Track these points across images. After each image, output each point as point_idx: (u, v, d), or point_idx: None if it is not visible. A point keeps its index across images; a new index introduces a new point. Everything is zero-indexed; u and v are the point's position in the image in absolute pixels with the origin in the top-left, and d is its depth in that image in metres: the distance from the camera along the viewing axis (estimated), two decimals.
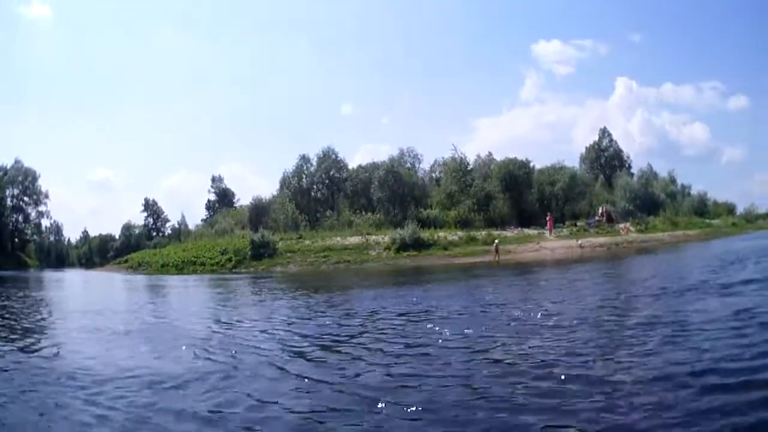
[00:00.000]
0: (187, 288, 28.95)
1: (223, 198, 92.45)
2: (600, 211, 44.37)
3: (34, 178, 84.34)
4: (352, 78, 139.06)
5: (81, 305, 20.71)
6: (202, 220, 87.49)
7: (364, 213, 48.85)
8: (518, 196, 48.44)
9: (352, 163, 60.88)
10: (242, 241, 47.11)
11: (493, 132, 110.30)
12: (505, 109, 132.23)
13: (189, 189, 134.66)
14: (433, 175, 56.38)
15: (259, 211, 60.66)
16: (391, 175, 49.48)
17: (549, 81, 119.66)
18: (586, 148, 67.59)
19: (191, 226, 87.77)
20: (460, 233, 38.07)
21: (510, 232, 39.10)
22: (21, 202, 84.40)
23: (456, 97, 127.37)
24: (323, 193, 57.63)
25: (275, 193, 62.70)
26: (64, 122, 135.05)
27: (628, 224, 40.68)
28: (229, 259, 44.33)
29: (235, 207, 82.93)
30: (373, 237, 40.32)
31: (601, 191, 52.65)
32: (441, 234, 37.94)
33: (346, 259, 36.94)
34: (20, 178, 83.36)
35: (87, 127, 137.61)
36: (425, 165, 58.08)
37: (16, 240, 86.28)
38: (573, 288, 14.83)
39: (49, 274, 60.41)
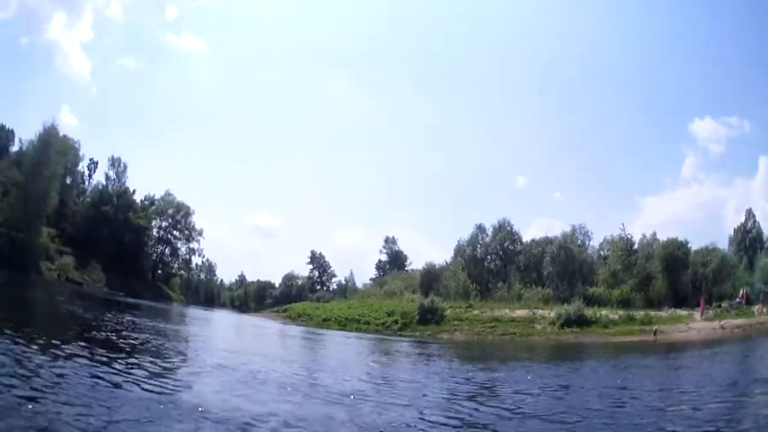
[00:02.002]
0: (348, 344, 33.18)
1: (395, 260, 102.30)
2: (741, 293, 46.73)
3: (188, 214, 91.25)
4: (528, 151, 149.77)
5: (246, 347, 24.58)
6: (370, 279, 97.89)
7: (533, 287, 55.39)
8: (675, 276, 52.44)
9: (526, 237, 67.98)
10: (411, 305, 53.51)
11: (658, 211, 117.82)
12: (668, 188, 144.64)
13: (359, 247, 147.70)
14: (601, 252, 61.73)
15: (431, 277, 69.27)
16: (563, 251, 56.05)
17: (704, 160, 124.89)
18: (735, 229, 69.77)
19: (358, 284, 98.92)
20: (620, 312, 42.89)
21: (665, 312, 43.43)
22: (169, 235, 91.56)
23: (625, 174, 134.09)
24: (496, 264, 65.38)
25: (448, 260, 70.90)
26: (225, 161, 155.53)
27: (762, 306, 42.98)
28: (395, 321, 50.82)
29: (406, 270, 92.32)
30: (540, 311, 45.94)
31: (743, 273, 54.57)
32: (603, 312, 42.95)
33: (512, 331, 42.52)
34: (171, 211, 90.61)
35: (250, 168, 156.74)
36: (595, 242, 63.70)
37: (159, 271, 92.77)
38: (675, 375, 18.95)
39: (197, 311, 66.01)
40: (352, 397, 11.65)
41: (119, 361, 12.67)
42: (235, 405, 9.42)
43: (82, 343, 14.36)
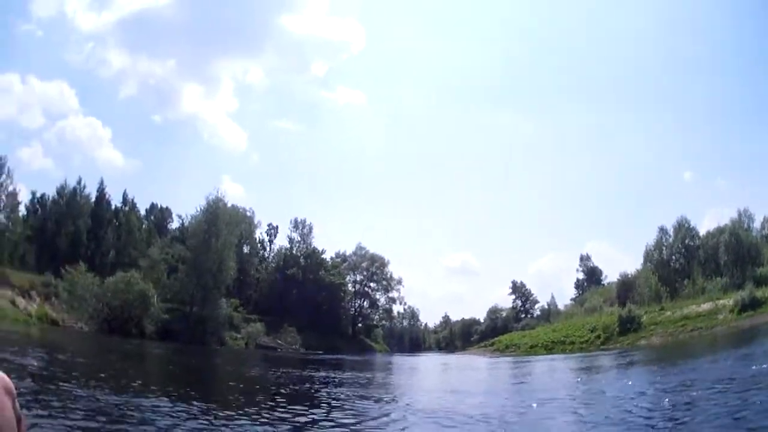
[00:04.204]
0: (553, 368, 35.95)
1: (591, 276, 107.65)
2: None
3: (383, 264, 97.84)
4: (687, 145, 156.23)
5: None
6: (571, 300, 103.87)
7: (713, 278, 59.24)
8: None
9: (702, 229, 71.64)
10: (610, 318, 58.88)
11: None
12: None
13: (557, 269, 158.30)
14: (763, 232, 64.15)
15: (626, 287, 75.15)
16: (733, 238, 59.61)
17: None
18: None
19: (560, 306, 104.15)
20: None
21: None
22: (366, 288, 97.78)
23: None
24: (680, 263, 69.22)
25: (639, 267, 76.21)
26: (408, 208, 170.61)
27: None
28: (598, 336, 56.43)
29: (603, 284, 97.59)
30: (721, 301, 49.90)
31: None
32: None
33: (699, 326, 47.28)
34: (365, 264, 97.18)
35: (435, 211, 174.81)
36: (756, 223, 65.45)
37: (360, 325, 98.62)
38: None
39: (401, 358, 69.63)
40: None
41: (313, 415, 14.21)
42: None
43: (271, 403, 15.83)
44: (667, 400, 14.36)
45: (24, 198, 66.02)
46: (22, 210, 65.07)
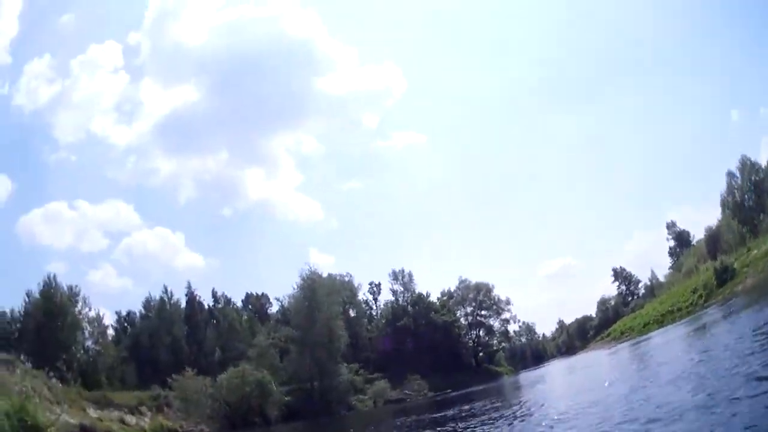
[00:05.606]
0: (666, 341, 36.65)
1: (681, 240, 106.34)
2: None
3: (488, 290, 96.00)
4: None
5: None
6: (669, 269, 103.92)
7: None
8: None
9: (763, 162, 71.78)
10: (707, 274, 58.96)
11: None
12: None
13: (649, 244, 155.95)
14: None
15: (714, 240, 76.37)
16: None
17: None
18: None
19: (662, 278, 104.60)
20: None
21: None
22: (478, 317, 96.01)
23: None
24: (753, 200, 70.29)
25: (720, 217, 77.32)
26: (494, 230, 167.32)
27: None
28: (700, 296, 56.73)
29: (693, 245, 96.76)
30: None
31: None
32: None
33: None
34: (471, 295, 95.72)
35: (518, 226, 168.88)
36: None
37: (481, 354, 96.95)
38: None
39: (527, 374, 70.35)
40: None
41: None
42: None
43: None
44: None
45: (109, 320, 67.53)
46: (111, 332, 67.07)
